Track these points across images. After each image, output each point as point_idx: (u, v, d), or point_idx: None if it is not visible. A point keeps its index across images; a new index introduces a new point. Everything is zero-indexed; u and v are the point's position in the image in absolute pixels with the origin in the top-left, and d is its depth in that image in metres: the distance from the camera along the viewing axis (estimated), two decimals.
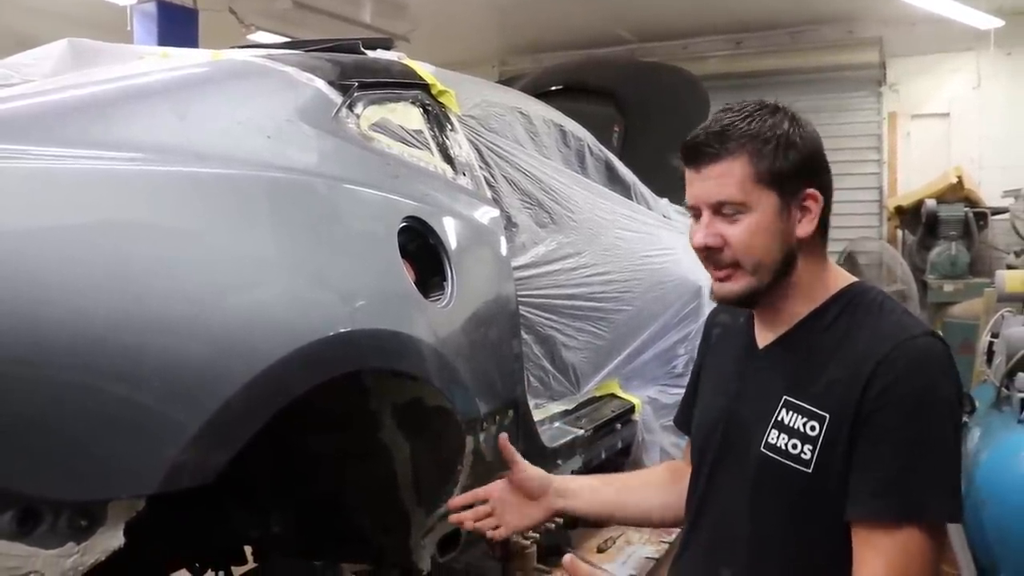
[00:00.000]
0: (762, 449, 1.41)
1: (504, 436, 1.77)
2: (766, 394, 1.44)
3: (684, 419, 1.75)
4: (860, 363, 1.32)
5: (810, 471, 1.34)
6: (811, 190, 1.41)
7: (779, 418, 1.40)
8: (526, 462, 1.74)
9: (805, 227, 1.41)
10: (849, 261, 7.98)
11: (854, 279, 1.49)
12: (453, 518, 1.75)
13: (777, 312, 1.47)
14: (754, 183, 1.37)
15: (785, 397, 1.40)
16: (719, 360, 1.64)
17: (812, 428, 1.35)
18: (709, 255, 1.43)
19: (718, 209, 1.40)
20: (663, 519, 1.76)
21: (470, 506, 1.76)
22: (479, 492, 1.74)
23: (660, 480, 1.78)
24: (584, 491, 1.75)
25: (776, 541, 1.38)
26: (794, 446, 1.36)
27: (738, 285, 1.42)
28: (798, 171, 1.39)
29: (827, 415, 1.34)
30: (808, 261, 1.44)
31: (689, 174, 1.44)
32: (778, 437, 1.39)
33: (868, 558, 1.27)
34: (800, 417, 1.37)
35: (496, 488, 1.74)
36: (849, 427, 1.32)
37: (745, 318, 1.58)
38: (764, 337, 1.51)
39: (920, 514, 1.27)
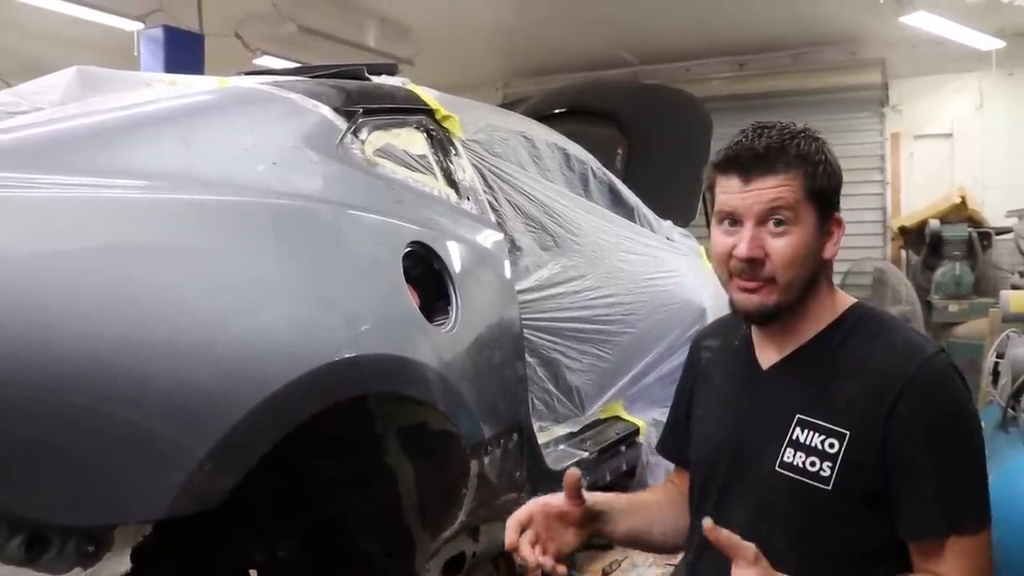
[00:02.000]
0: (777, 468, 1.41)
1: (575, 473, 1.55)
2: (777, 414, 1.45)
3: (672, 447, 1.76)
4: (881, 383, 1.36)
5: (830, 488, 1.36)
6: (838, 215, 1.47)
7: (794, 436, 1.41)
8: (588, 495, 1.58)
9: (830, 249, 1.46)
10: (878, 280, 7.95)
11: (855, 300, 1.53)
12: (516, 554, 1.56)
13: (785, 332, 1.48)
14: (803, 199, 1.41)
15: (799, 415, 1.42)
16: (714, 384, 1.64)
17: (831, 445, 1.37)
18: (747, 267, 1.42)
19: (764, 220, 1.41)
20: (676, 546, 1.73)
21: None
22: (521, 519, 1.53)
23: (669, 505, 1.73)
24: (618, 517, 1.63)
25: (794, 561, 1.36)
26: (812, 464, 1.38)
27: (768, 299, 1.42)
28: (833, 196, 1.45)
29: (847, 432, 1.36)
30: (824, 283, 1.48)
31: (731, 183, 1.44)
32: (794, 455, 1.40)
33: (942, 564, 1.33)
34: (817, 435, 1.39)
35: (536, 512, 1.54)
36: (876, 445, 1.35)
37: (740, 340, 1.59)
38: (767, 357, 1.52)
39: (972, 524, 1.34)
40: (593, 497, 1.59)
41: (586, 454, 2.90)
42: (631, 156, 5.26)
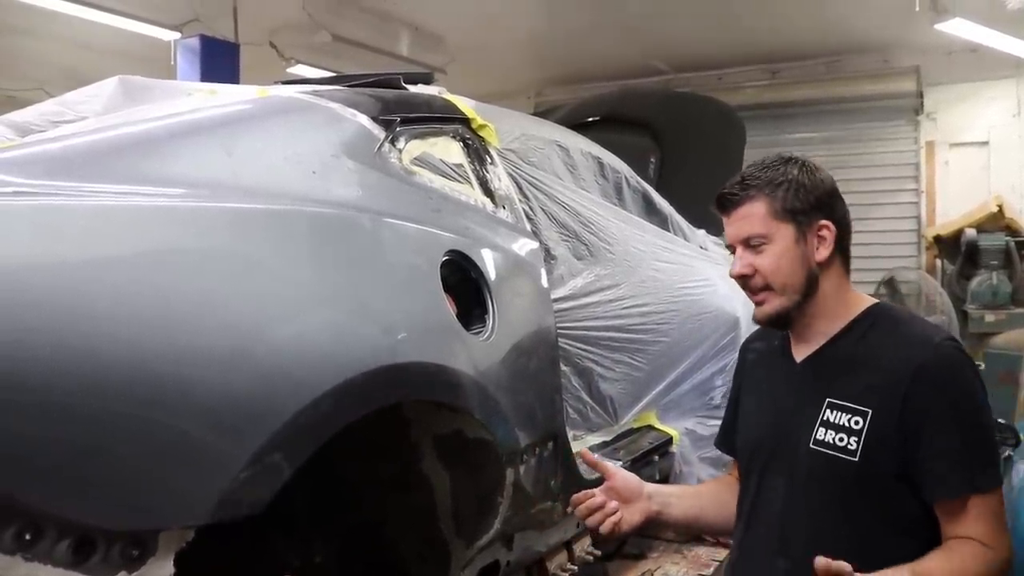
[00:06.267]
0: (811, 446, 1.63)
1: (586, 451, 1.97)
2: (810, 399, 1.67)
3: (725, 440, 1.99)
4: (897, 368, 1.57)
5: (857, 459, 1.57)
6: (825, 222, 1.67)
7: (825, 417, 1.63)
8: (616, 468, 1.87)
9: (822, 252, 1.67)
10: (890, 287, 7.87)
11: (875, 300, 1.75)
12: (589, 521, 1.77)
13: (810, 330, 1.72)
14: (772, 219, 1.66)
15: (828, 399, 1.64)
16: (757, 381, 1.88)
17: (856, 423, 1.59)
18: (745, 283, 1.70)
19: (747, 243, 1.68)
20: (729, 528, 1.91)
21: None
22: (590, 491, 1.79)
23: (724, 491, 1.93)
24: (674, 499, 1.88)
25: (829, 527, 1.59)
26: (841, 439, 1.59)
27: (771, 306, 1.68)
28: (811, 207, 1.67)
29: (869, 410, 1.58)
30: (831, 283, 1.69)
31: (724, 220, 1.73)
32: (825, 433, 1.62)
33: (965, 524, 1.52)
34: (844, 414, 1.61)
35: (602, 491, 1.79)
36: (895, 421, 1.55)
37: (779, 340, 1.81)
38: (800, 353, 1.75)
39: (989, 483, 1.54)
40: (650, 487, 1.85)
41: (619, 463, 2.89)
42: (664, 164, 5.25)
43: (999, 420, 4.25)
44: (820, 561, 1.37)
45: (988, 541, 1.52)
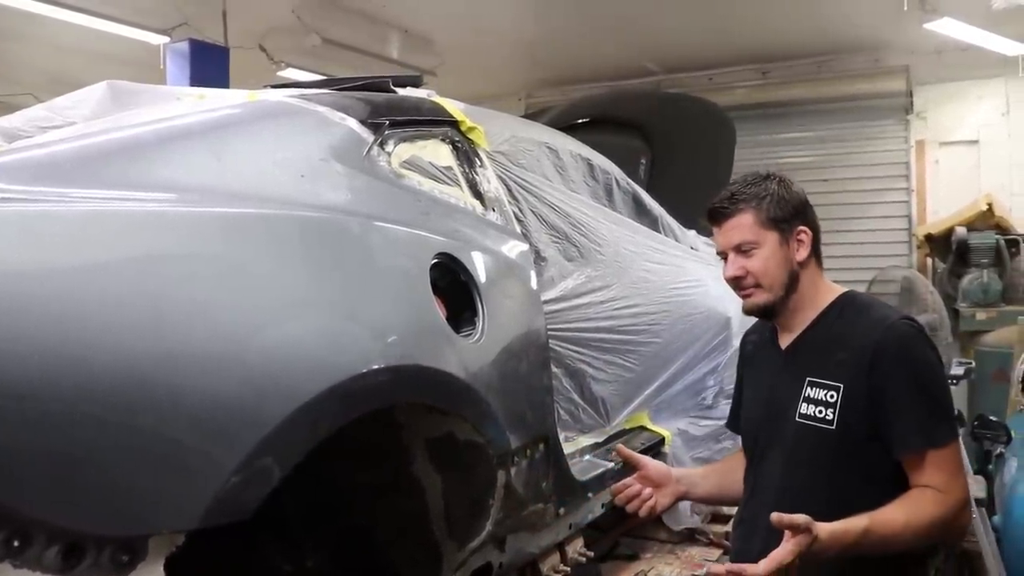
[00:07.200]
0: (797, 419, 1.90)
1: (622, 446, 2.18)
2: (794, 380, 1.94)
3: (733, 422, 2.29)
4: (861, 346, 1.84)
5: (834, 427, 1.85)
6: (802, 227, 1.96)
7: (806, 394, 1.90)
8: (647, 458, 2.16)
9: (801, 254, 1.96)
10: (908, 290, 7.86)
11: (844, 289, 2.02)
12: (630, 507, 2.10)
13: (792, 320, 2.00)
14: (759, 227, 1.93)
15: (808, 378, 1.91)
16: (755, 368, 2.16)
17: (831, 396, 1.86)
18: (738, 283, 1.98)
19: (738, 249, 1.95)
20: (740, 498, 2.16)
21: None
22: (627, 480, 2.12)
23: (736, 468, 2.17)
24: (698, 479, 2.22)
25: (819, 487, 1.85)
26: (820, 411, 1.87)
27: (759, 299, 1.97)
28: (791, 216, 1.95)
29: (841, 384, 1.85)
30: (808, 278, 1.98)
31: (715, 231, 2.01)
32: (808, 407, 1.89)
33: (925, 474, 1.77)
34: (821, 390, 1.88)
35: (636, 479, 2.11)
36: (863, 392, 1.82)
37: (769, 332, 2.09)
38: (785, 340, 2.02)
39: (944, 438, 1.80)
40: (678, 471, 2.19)
41: (611, 464, 2.89)
42: (655, 165, 5.26)
43: (992, 418, 4.29)
44: (774, 516, 1.57)
45: (944, 487, 1.76)
